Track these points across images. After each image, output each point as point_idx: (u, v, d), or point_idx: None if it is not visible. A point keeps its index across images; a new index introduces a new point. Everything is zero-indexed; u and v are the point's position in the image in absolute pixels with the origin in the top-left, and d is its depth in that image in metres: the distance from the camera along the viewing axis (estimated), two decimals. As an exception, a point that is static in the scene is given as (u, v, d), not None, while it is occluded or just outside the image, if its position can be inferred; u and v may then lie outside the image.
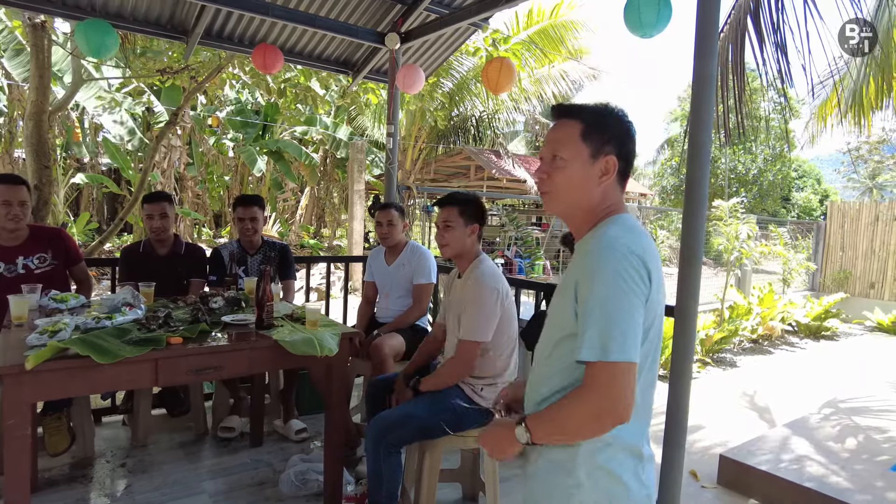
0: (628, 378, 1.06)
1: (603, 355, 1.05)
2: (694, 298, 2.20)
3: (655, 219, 15.94)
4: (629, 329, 1.06)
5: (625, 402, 1.06)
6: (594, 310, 1.07)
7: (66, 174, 12.65)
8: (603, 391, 1.06)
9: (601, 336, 1.06)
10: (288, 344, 2.10)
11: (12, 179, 2.76)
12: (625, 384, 1.05)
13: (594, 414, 1.07)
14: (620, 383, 1.05)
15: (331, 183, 16.88)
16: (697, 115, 2.18)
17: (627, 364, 1.05)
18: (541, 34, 11.22)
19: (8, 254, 2.74)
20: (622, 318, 1.06)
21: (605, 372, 1.05)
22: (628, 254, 1.10)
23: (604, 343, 1.05)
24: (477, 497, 2.68)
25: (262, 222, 3.36)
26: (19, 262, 2.76)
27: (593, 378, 1.07)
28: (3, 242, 2.74)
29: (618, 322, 1.06)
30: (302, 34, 4.32)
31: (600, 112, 1.23)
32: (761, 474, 2.89)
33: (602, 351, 1.05)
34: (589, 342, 1.06)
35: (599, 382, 1.06)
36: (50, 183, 5.65)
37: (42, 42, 5.38)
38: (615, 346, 1.05)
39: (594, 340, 1.06)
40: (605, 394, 1.06)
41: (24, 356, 1.69)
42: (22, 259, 2.77)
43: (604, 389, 1.06)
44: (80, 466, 2.83)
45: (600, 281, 1.08)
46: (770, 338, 7.60)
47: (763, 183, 21.88)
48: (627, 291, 1.07)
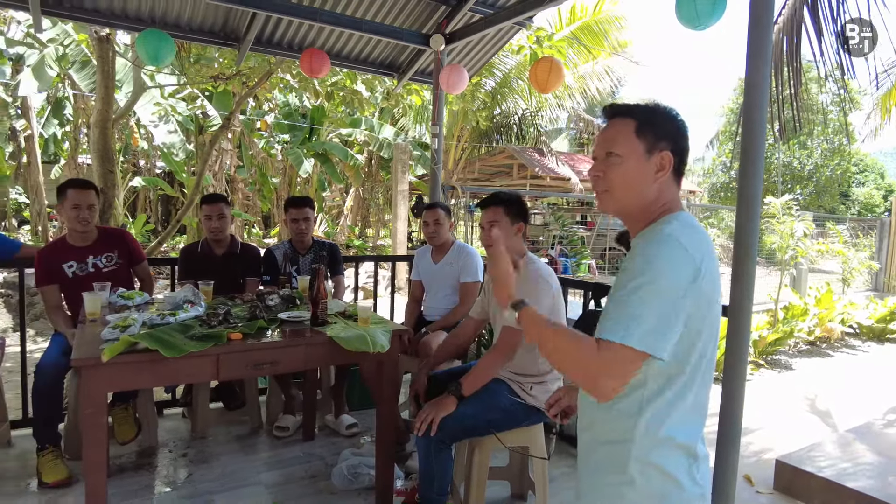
0: (632, 366, 1.07)
1: (624, 338, 1.05)
2: (748, 297, 2.15)
3: (705, 217, 15.49)
4: (650, 320, 1.05)
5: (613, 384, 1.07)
6: (631, 294, 1.08)
7: (124, 178, 13.26)
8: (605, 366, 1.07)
9: (612, 317, 1.08)
10: (342, 340, 2.17)
11: (83, 184, 2.92)
12: (624, 370, 1.07)
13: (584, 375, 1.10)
14: (623, 368, 1.07)
15: (375, 183, 17.11)
16: (750, 109, 2.13)
17: (624, 347, 1.05)
18: (584, 30, 11.09)
19: (79, 254, 2.92)
20: (644, 308, 1.05)
21: (618, 353, 1.06)
22: (680, 251, 1.09)
23: (612, 324, 1.07)
24: (525, 496, 2.69)
25: (313, 222, 3.46)
26: (89, 261, 2.93)
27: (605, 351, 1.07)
28: (74, 243, 2.92)
29: (638, 310, 1.05)
30: (348, 38, 4.41)
31: (652, 109, 1.24)
32: (821, 481, 2.79)
33: (624, 334, 1.05)
34: (615, 320, 1.07)
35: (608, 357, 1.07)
36: (114, 186, 5.96)
37: (107, 54, 5.68)
38: (620, 328, 1.05)
39: (619, 320, 1.07)
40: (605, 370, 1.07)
41: (100, 349, 1.81)
42: (92, 258, 2.94)
43: (606, 366, 1.06)
44: (145, 455, 2.99)
45: (641, 270, 1.09)
46: (829, 340, 7.29)
47: (819, 179, 20.95)
48: (665, 287, 1.07)
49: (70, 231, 2.92)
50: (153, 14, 3.80)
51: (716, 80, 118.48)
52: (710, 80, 73.95)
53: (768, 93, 2.19)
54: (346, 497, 2.64)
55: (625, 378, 1.08)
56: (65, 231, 3.02)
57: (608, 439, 1.19)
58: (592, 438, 1.23)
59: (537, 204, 13.85)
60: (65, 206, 2.83)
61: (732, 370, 2.16)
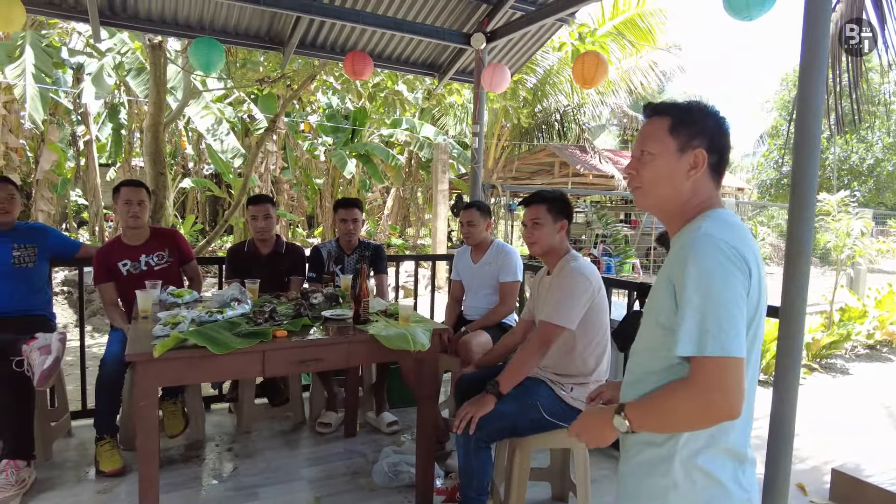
0: (733, 373, 1.03)
1: (699, 349, 1.03)
2: (801, 297, 2.06)
3: (754, 214, 14.96)
4: (729, 322, 1.03)
5: (733, 398, 1.02)
6: (690, 301, 1.05)
7: (174, 180, 13.75)
8: (705, 387, 1.03)
9: (698, 329, 1.04)
10: (383, 338, 2.19)
11: (135, 183, 3.08)
12: (731, 379, 1.02)
13: (701, 409, 1.05)
14: (722, 379, 1.02)
15: (415, 183, 17.23)
16: (805, 101, 2.04)
17: (730, 359, 1.02)
18: (627, 24, 10.87)
19: (133, 252, 3.04)
20: (720, 310, 1.03)
21: (706, 367, 1.03)
22: (725, 247, 1.07)
23: (700, 336, 1.03)
24: (566, 497, 2.65)
25: (361, 224, 3.50)
26: (142, 259, 3.06)
27: (697, 372, 1.04)
28: (128, 242, 3.05)
29: (716, 315, 1.03)
30: (390, 39, 4.45)
31: (689, 107, 1.24)
32: (881, 493, 2.65)
33: (698, 345, 1.03)
34: (686, 335, 1.05)
35: (704, 377, 1.03)
36: (165, 188, 6.20)
37: (159, 60, 5.92)
38: (712, 339, 1.02)
39: (691, 333, 1.04)
40: (707, 389, 1.03)
41: (152, 345, 1.88)
42: (144, 257, 3.07)
43: (708, 385, 1.03)
44: (193, 448, 3.09)
45: (694, 274, 1.06)
46: (890, 344, 6.92)
47: (881, 174, 19.92)
48: (726, 283, 1.04)
49: (124, 230, 3.06)
50: (202, 21, 3.92)
51: (770, 77, 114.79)
52: (764, 77, 71.99)
53: (825, 83, 2.09)
54: (386, 494, 2.66)
55: (737, 383, 1.03)
56: (120, 231, 3.15)
57: (652, 441, 1.16)
58: (635, 440, 1.21)
59: (579, 202, 13.66)
60: (118, 204, 3.00)
61: (784, 373, 2.08)
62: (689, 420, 1.08)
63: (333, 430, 3.33)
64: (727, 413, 1.03)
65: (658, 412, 1.13)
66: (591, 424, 1.27)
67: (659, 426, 1.14)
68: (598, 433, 1.24)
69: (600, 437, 1.23)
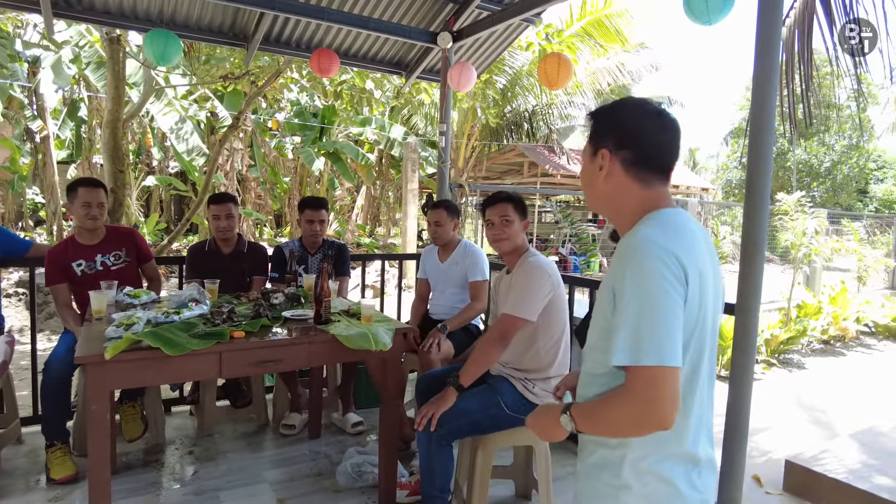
0: (667, 382, 1.01)
1: (634, 359, 1.02)
2: (755, 295, 2.12)
3: (718, 214, 15.33)
4: (663, 332, 1.01)
5: (664, 409, 1.01)
6: (626, 310, 1.05)
7: (138, 177, 13.40)
8: (640, 397, 1.02)
9: (632, 339, 1.03)
10: (344, 338, 2.17)
11: (92, 182, 2.95)
12: (664, 389, 1.01)
13: (633, 419, 1.04)
14: (657, 389, 1.01)
15: (386, 182, 17.15)
16: (760, 106, 2.10)
17: (663, 368, 1.01)
18: (595, 25, 10.99)
19: (88, 252, 2.94)
20: (654, 320, 1.02)
21: (641, 376, 1.02)
22: (662, 253, 1.05)
23: (635, 346, 1.02)
24: (530, 495, 2.67)
25: (327, 224, 3.47)
26: (98, 259, 2.96)
27: (631, 381, 1.04)
28: (83, 241, 2.95)
29: (650, 325, 1.02)
30: (356, 37, 4.41)
31: (606, 109, 1.24)
32: (832, 482, 2.74)
33: (633, 355, 1.02)
34: (621, 345, 1.04)
35: (636, 387, 1.03)
36: (124, 186, 6.03)
37: (117, 54, 5.75)
38: (647, 349, 1.01)
39: (626, 342, 1.03)
40: (642, 399, 1.02)
41: (104, 347, 1.83)
42: (100, 257, 2.97)
43: (641, 395, 1.02)
44: (153, 452, 3.02)
45: (631, 282, 1.05)
46: (843, 339, 7.18)
47: (837, 176, 20.65)
48: (661, 292, 1.03)
49: (79, 229, 2.96)
50: (162, 14, 3.82)
51: (739, 77, 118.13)
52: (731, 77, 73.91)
53: (777, 88, 2.15)
54: (351, 495, 2.64)
55: (669, 394, 1.02)
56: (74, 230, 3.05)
57: (605, 442, 1.17)
58: (589, 440, 1.22)
59: (548, 202, 13.79)
60: (75, 205, 2.87)
61: (740, 369, 2.13)
62: (624, 428, 1.08)
63: (297, 431, 3.29)
64: (659, 423, 1.02)
65: (596, 417, 1.13)
66: (543, 420, 1.28)
67: (598, 430, 1.15)
68: (549, 430, 1.24)
69: (551, 433, 1.24)
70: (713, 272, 1.16)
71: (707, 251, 1.16)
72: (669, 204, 1.19)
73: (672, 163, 1.21)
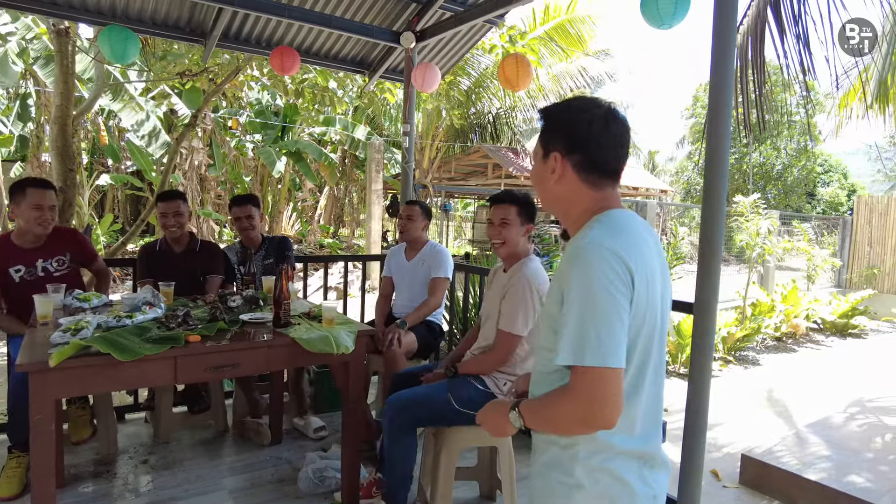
0: (609, 384, 1.02)
1: (578, 359, 1.03)
2: (713, 295, 2.16)
3: (677, 216, 15.73)
4: (606, 333, 1.02)
5: (606, 409, 1.03)
6: (571, 311, 1.06)
7: (91, 176, 12.91)
8: (584, 396, 1.04)
9: (576, 340, 1.04)
10: (304, 342, 2.12)
11: (42, 183, 2.73)
12: (604, 390, 1.02)
13: (577, 417, 1.06)
14: (599, 389, 1.02)
15: (350, 183, 16.99)
16: (716, 111, 2.15)
17: (605, 369, 1.02)
18: (558, 29, 11.14)
19: (27, 256, 2.73)
20: (598, 322, 1.03)
21: (584, 377, 1.03)
22: (608, 255, 1.06)
23: (578, 347, 1.03)
24: (494, 495, 2.67)
25: (258, 219, 3.40)
26: (39, 265, 2.76)
27: (575, 381, 1.05)
28: (20, 244, 2.73)
29: (593, 326, 1.03)
30: (318, 35, 4.34)
31: (556, 109, 1.23)
32: (784, 474, 2.84)
33: (577, 355, 1.03)
34: (565, 346, 1.05)
35: (580, 386, 1.04)
36: (74, 185, 5.77)
37: (66, 48, 5.49)
38: (590, 350, 1.02)
39: (570, 343, 1.04)
40: (585, 398, 1.04)
41: (48, 353, 1.73)
42: (41, 262, 2.76)
43: (584, 394, 1.04)
44: (104, 462, 2.89)
45: (576, 284, 1.06)
46: (794, 336, 7.46)
47: (787, 178, 21.48)
48: (605, 295, 1.04)
49: (23, 232, 2.72)
50: (114, 7, 3.67)
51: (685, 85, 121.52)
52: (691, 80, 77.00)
53: (732, 94, 2.21)
54: (312, 501, 2.59)
55: (612, 394, 1.03)
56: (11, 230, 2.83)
57: (556, 441, 1.17)
58: (541, 438, 1.22)
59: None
60: (22, 207, 2.65)
61: (698, 367, 2.18)
62: (569, 425, 1.10)
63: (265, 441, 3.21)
64: (602, 422, 1.04)
65: (543, 414, 1.15)
66: (492, 416, 1.29)
67: (545, 427, 1.17)
68: (500, 426, 1.25)
69: (501, 428, 1.25)
70: (661, 272, 1.17)
71: (655, 252, 1.17)
72: (618, 205, 1.21)
73: (621, 165, 1.21)
